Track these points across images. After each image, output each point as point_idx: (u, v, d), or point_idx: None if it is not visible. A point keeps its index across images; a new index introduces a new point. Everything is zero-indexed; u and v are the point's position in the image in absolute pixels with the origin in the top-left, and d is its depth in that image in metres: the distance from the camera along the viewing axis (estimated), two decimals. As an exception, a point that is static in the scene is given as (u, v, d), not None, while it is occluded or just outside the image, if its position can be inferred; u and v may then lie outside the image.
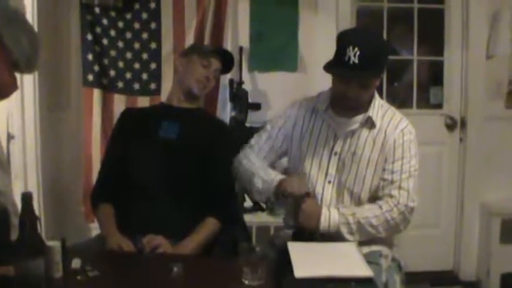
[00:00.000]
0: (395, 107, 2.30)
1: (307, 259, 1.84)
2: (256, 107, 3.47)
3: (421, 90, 3.98)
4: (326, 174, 2.22)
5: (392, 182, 2.14)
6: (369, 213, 2.11)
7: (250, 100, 3.46)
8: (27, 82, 3.04)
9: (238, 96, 3.46)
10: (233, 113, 3.51)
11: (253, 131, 3.31)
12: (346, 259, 1.87)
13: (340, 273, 1.73)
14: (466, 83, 3.84)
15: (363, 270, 1.77)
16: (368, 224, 2.09)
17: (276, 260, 1.93)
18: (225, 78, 3.55)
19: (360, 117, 2.20)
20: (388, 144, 2.17)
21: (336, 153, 2.21)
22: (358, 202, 2.19)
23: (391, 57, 3.92)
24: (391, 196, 2.13)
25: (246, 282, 1.73)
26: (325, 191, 2.22)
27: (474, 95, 3.83)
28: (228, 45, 3.59)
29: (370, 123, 2.20)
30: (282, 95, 3.45)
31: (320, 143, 2.24)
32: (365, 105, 2.21)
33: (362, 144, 2.19)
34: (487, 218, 3.77)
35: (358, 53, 2.02)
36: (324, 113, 2.25)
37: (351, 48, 2.03)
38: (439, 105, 4.00)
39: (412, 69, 3.96)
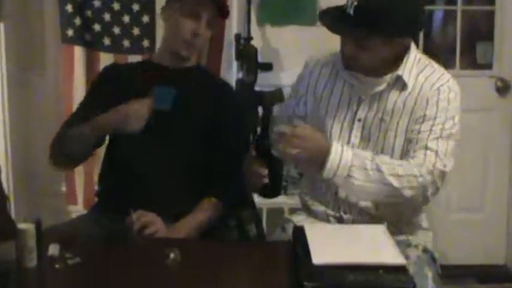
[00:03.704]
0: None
1: (327, 243, 1.85)
2: (267, 67, 3.45)
3: (466, 47, 3.96)
4: (348, 144, 2.18)
5: (417, 141, 2.09)
6: (394, 161, 2.04)
7: (260, 59, 3.45)
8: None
9: (246, 54, 3.45)
10: (240, 75, 3.54)
11: (263, 95, 3.33)
12: (373, 243, 1.87)
13: (366, 260, 1.73)
14: (522, 38, 3.82)
15: (394, 257, 1.76)
16: (390, 172, 1.99)
17: (291, 246, 1.92)
18: (231, 33, 3.54)
19: (389, 77, 2.15)
20: (421, 105, 2.12)
21: (359, 120, 2.19)
22: None
23: (430, 7, 3.92)
24: (414, 157, 2.06)
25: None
26: None
27: (531, 53, 3.82)
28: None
29: (400, 84, 2.15)
30: (297, 53, 3.41)
31: (341, 108, 2.22)
32: (389, 65, 2.15)
33: (390, 108, 2.15)
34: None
35: (355, 3, 2.00)
36: (345, 72, 2.22)
37: None
38: (487, 66, 3.99)
39: (456, 21, 3.94)
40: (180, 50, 2.37)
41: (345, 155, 2.01)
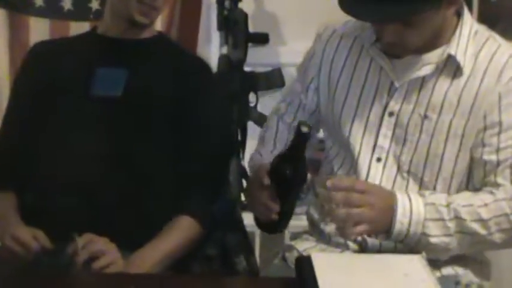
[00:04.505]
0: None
1: (343, 280, 1.82)
2: (262, 39, 3.51)
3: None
4: (374, 146, 2.18)
5: (498, 164, 2.07)
6: (474, 199, 2.03)
7: (251, 29, 3.49)
8: None
9: (233, 22, 3.48)
10: (224, 50, 3.55)
11: (255, 77, 3.33)
12: (406, 281, 1.84)
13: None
14: None
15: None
16: (473, 218, 1.99)
17: (293, 284, 1.90)
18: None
19: (434, 55, 2.11)
20: (488, 101, 2.07)
21: (391, 114, 2.15)
22: None
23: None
24: (498, 185, 2.05)
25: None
26: (372, 175, 2.18)
27: None
28: None
29: (453, 67, 2.10)
30: (302, 20, 3.45)
31: (366, 96, 2.20)
32: (439, 39, 2.11)
33: (438, 102, 2.10)
34: None
35: None
36: (373, 48, 2.18)
37: None
38: None
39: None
40: (134, 14, 2.36)
41: (416, 207, 2.00)
